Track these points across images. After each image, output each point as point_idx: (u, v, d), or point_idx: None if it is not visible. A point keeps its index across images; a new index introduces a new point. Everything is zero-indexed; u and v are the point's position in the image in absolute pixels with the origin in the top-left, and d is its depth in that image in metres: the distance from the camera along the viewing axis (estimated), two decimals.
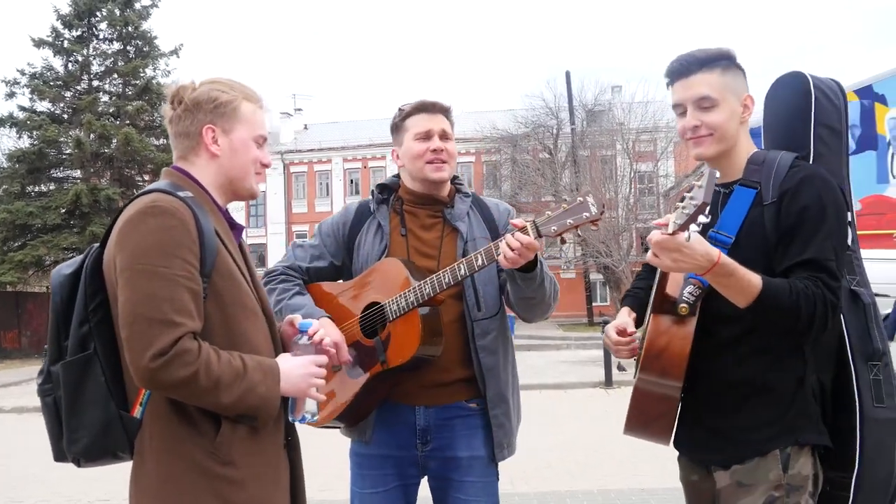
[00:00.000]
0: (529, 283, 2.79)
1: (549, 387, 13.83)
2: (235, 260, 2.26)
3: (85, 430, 2.12)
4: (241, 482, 2.14)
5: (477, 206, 3.09)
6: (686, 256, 2.13)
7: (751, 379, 2.36)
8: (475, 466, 2.91)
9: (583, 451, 8.06)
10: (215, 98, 2.29)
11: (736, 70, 2.47)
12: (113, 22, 31.35)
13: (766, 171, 2.39)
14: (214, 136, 2.28)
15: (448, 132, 3.05)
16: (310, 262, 3.10)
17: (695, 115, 2.44)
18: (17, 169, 29.75)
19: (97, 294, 2.14)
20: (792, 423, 2.34)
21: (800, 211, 2.30)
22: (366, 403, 2.91)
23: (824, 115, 2.53)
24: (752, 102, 2.48)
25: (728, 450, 2.40)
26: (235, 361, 2.11)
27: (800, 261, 2.27)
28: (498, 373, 2.94)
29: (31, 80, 30.33)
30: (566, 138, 42.57)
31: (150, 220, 2.09)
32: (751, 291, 2.20)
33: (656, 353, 2.37)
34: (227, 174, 2.32)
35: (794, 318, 2.20)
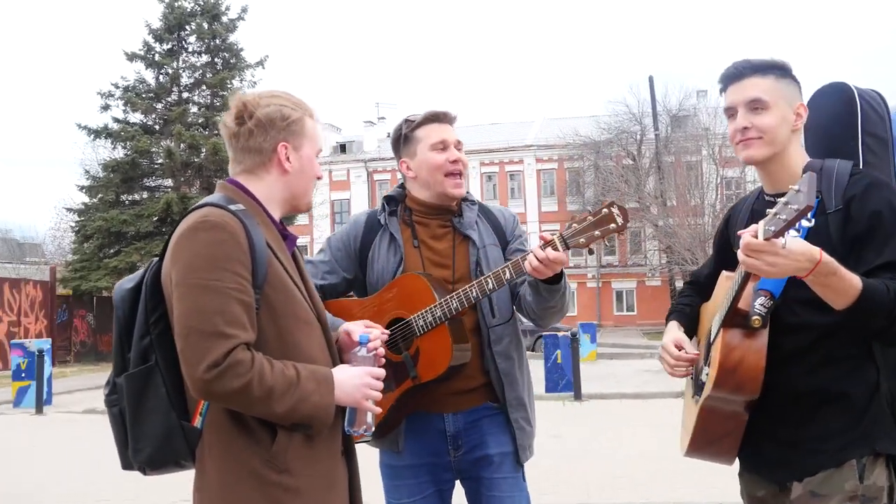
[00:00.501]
0: (554, 294, 2.83)
1: (628, 396, 13.67)
2: (288, 271, 2.27)
3: (148, 440, 2.17)
4: (297, 490, 2.16)
5: (483, 214, 3.12)
6: (784, 259, 2.04)
7: (822, 388, 2.29)
8: (505, 463, 2.96)
9: (657, 462, 7.91)
10: (287, 116, 2.32)
11: (790, 80, 2.44)
12: (201, 35, 32.29)
13: (825, 179, 2.32)
14: (287, 153, 2.32)
15: (461, 143, 3.08)
16: (321, 278, 3.08)
17: (746, 117, 2.40)
18: (112, 178, 30.87)
19: (157, 307, 2.19)
20: (867, 431, 2.26)
21: (871, 216, 2.24)
22: (396, 418, 2.94)
23: (870, 125, 2.49)
24: (805, 111, 2.43)
25: (801, 462, 2.31)
26: (289, 371, 2.13)
27: (880, 264, 2.19)
28: (515, 377, 2.98)
29: (124, 93, 31.46)
30: (650, 144, 42.03)
31: (201, 234, 2.12)
32: (852, 292, 2.11)
33: (731, 368, 2.29)
34: (292, 190, 2.36)
35: (890, 319, 2.12)
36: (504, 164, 51.70)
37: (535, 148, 50.97)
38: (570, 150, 46.85)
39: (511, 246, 3.07)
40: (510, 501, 2.96)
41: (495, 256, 3.00)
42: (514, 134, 52.37)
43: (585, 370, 17.57)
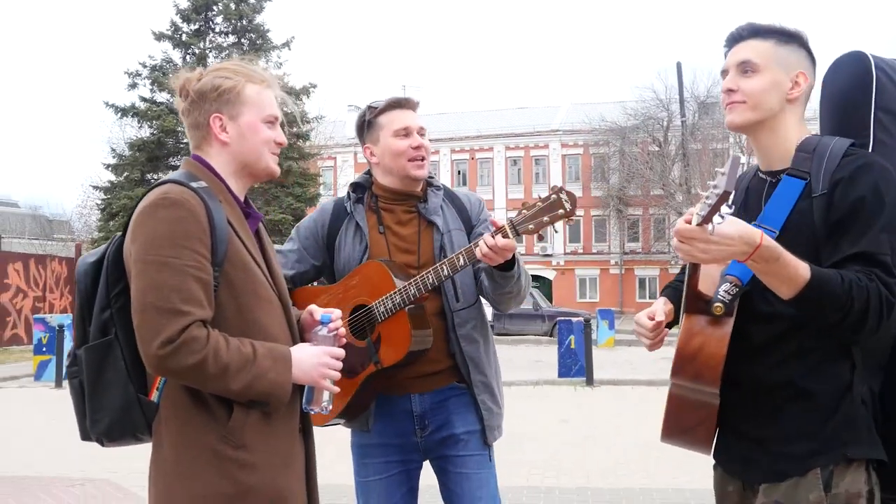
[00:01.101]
0: (508, 280, 2.87)
1: (641, 383, 13.62)
2: (249, 249, 2.29)
3: (105, 412, 2.21)
4: (253, 465, 2.18)
5: (449, 199, 3.15)
6: (719, 244, 1.95)
7: (787, 383, 2.16)
8: (472, 441, 3.01)
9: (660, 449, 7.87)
10: (218, 86, 2.31)
11: (795, 47, 2.27)
12: (228, 16, 32.40)
13: (816, 159, 2.18)
14: (222, 123, 2.32)
15: (424, 128, 3.10)
16: (291, 267, 3.14)
17: (733, 79, 2.27)
18: (138, 157, 31.14)
19: (119, 281, 2.22)
20: (834, 436, 2.11)
21: (854, 202, 2.09)
22: (364, 399, 2.99)
23: (886, 99, 2.29)
24: (807, 81, 2.26)
25: (765, 464, 2.20)
26: (245, 348, 2.15)
27: (851, 254, 2.06)
28: (480, 360, 3.02)
29: (151, 72, 31.67)
30: (676, 131, 41.75)
31: (160, 211, 2.15)
32: (798, 280, 1.99)
33: (690, 356, 2.20)
34: (239, 159, 2.35)
35: (844, 312, 1.99)
36: (529, 149, 51.49)
37: (560, 133, 50.72)
38: (596, 136, 46.59)
39: (476, 230, 3.10)
40: (477, 478, 3.01)
41: (460, 241, 3.03)
42: (540, 118, 52.10)
43: (602, 357, 17.60)
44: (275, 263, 2.45)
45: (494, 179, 51.36)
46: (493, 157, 51.50)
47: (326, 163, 47.19)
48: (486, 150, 51.33)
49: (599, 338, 21.87)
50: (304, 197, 31.79)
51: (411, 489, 3.12)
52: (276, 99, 2.41)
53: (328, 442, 3.46)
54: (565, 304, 41.30)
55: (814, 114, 2.50)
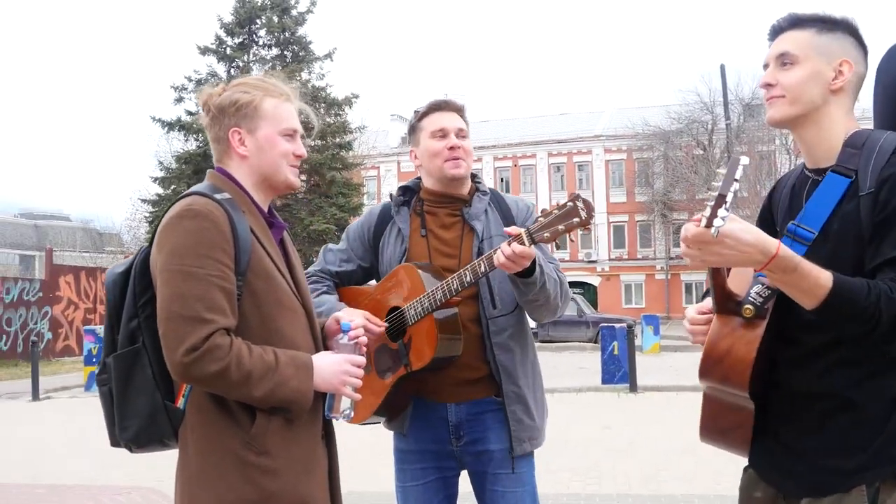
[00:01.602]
0: (530, 288, 2.83)
1: (686, 389, 13.43)
2: (273, 258, 2.34)
3: (134, 419, 2.27)
4: (275, 471, 2.22)
5: (495, 204, 3.13)
6: (730, 249, 1.84)
7: (833, 393, 2.04)
8: (507, 458, 2.98)
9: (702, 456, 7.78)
10: (236, 100, 2.37)
11: (839, 34, 2.14)
12: (271, 28, 32.84)
13: (865, 155, 2.04)
14: (241, 137, 2.37)
15: (464, 130, 3.09)
16: (338, 265, 3.21)
17: (771, 73, 2.16)
18: (185, 170, 31.60)
19: (146, 291, 2.28)
20: (883, 450, 1.99)
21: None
22: (398, 400, 3.01)
23: None
24: (852, 69, 2.12)
25: (806, 476, 2.09)
26: (268, 356, 2.19)
27: (889, 258, 1.94)
28: (514, 370, 2.98)
29: (197, 86, 32.13)
30: (721, 134, 41.19)
31: (185, 222, 2.20)
32: (818, 291, 1.89)
33: (717, 358, 2.09)
34: (258, 172, 2.39)
35: (871, 324, 1.89)
36: (572, 155, 51.33)
37: (604, 138, 50.51)
38: (640, 141, 46.36)
39: None
40: (511, 497, 2.99)
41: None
42: (583, 124, 51.95)
43: (647, 363, 17.44)
44: (299, 272, 2.48)
45: (538, 186, 51.26)
46: (536, 163, 51.40)
47: (370, 172, 47.54)
48: (529, 157, 51.25)
49: (644, 344, 21.70)
50: (347, 207, 32.01)
51: (449, 496, 3.12)
52: (295, 112, 2.45)
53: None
54: (611, 310, 41.03)
55: (861, 113, 2.34)
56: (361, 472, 7.80)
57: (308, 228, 30.07)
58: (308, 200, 30.77)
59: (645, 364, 16.55)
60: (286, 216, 28.99)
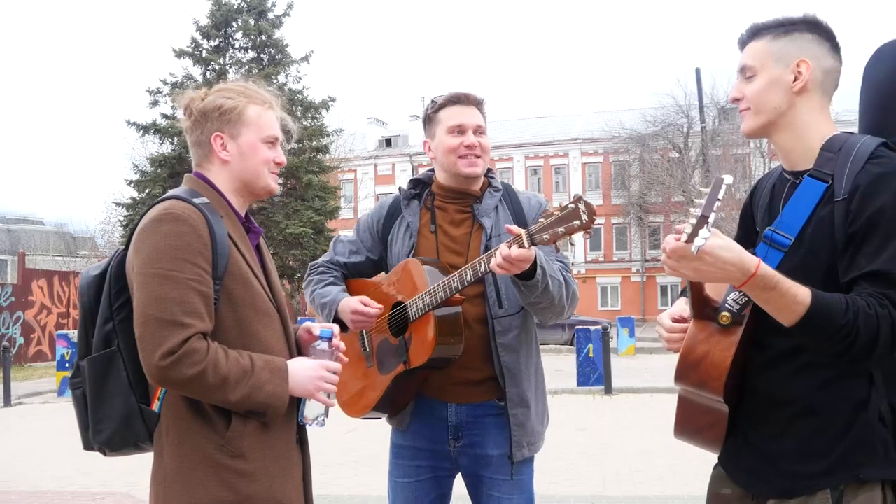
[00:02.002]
0: (531, 291, 2.76)
1: (660, 391, 13.55)
2: (249, 263, 2.35)
3: (108, 422, 2.27)
4: (252, 474, 2.23)
5: (507, 201, 3.06)
6: (710, 266, 1.87)
7: (798, 397, 2.06)
8: (505, 465, 2.94)
9: (676, 457, 7.89)
10: (220, 105, 2.38)
11: (796, 35, 2.14)
12: (248, 31, 32.70)
13: (841, 159, 2.03)
14: (223, 142, 2.39)
15: (482, 126, 3.03)
16: (348, 256, 3.20)
17: (737, 87, 2.20)
18: (160, 173, 31.38)
19: (121, 294, 2.28)
20: (846, 456, 2.00)
21: (873, 213, 1.94)
22: (398, 397, 2.99)
23: None
24: (810, 68, 2.10)
25: (773, 479, 2.12)
26: (244, 360, 2.21)
27: (865, 272, 1.93)
28: (518, 371, 2.93)
29: (172, 89, 31.92)
30: (697, 137, 41.47)
31: (163, 226, 2.21)
32: (796, 308, 1.89)
33: (693, 363, 2.11)
34: (239, 177, 2.41)
35: (848, 342, 1.89)
36: (549, 158, 51.51)
37: (580, 141, 50.71)
38: (616, 144, 46.54)
39: None
40: (508, 503, 2.96)
41: None
42: (560, 127, 52.15)
43: (622, 365, 17.54)
44: (274, 277, 2.50)
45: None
46: (513, 166, 51.51)
47: (346, 175, 47.43)
48: (506, 160, 51.33)
49: (620, 346, 21.83)
50: (324, 210, 31.93)
51: (441, 496, 3.09)
52: (277, 120, 2.47)
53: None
54: (587, 312, 41.11)
55: (836, 116, 2.34)
56: (334, 476, 7.83)
57: (284, 232, 29.97)
58: (284, 203, 30.65)
59: (620, 366, 16.66)
60: (262, 219, 28.88)
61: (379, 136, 55.69)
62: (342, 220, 41.35)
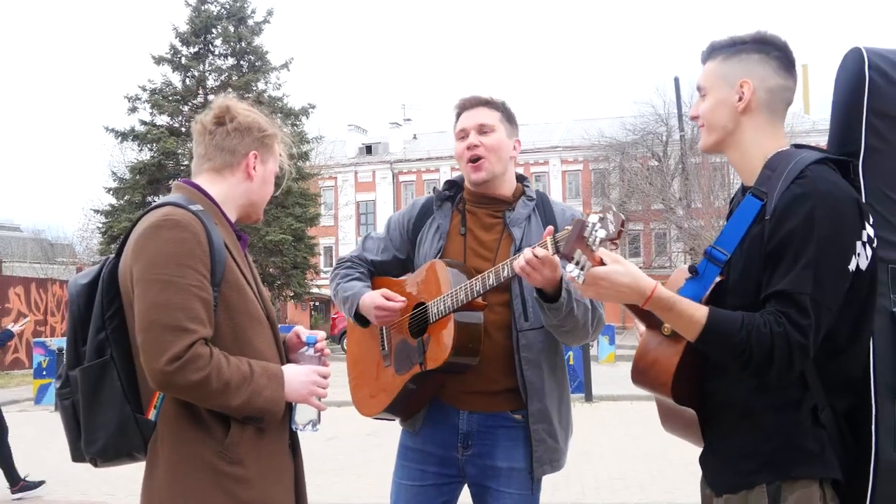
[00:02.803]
0: (555, 313, 2.71)
1: (641, 398, 13.57)
2: (242, 271, 2.38)
3: (102, 432, 2.26)
4: (249, 480, 2.25)
5: (540, 211, 3.00)
6: (607, 290, 2.05)
7: (738, 400, 2.17)
8: (514, 478, 2.90)
9: (656, 464, 7.97)
10: (264, 129, 2.48)
11: (743, 56, 2.21)
12: (227, 38, 32.63)
13: (775, 178, 2.09)
14: (256, 162, 2.47)
15: (486, 124, 2.97)
16: (376, 253, 3.19)
17: (695, 106, 2.33)
18: (139, 180, 31.26)
19: (113, 302, 2.28)
20: (777, 456, 2.09)
21: (785, 235, 2.03)
22: (412, 399, 2.96)
23: (880, 101, 2.15)
24: (751, 90, 2.18)
25: (723, 476, 2.24)
26: (243, 366, 2.23)
27: (773, 291, 2.03)
28: (542, 387, 2.87)
29: (151, 96, 31.87)
30: (676, 145, 41.74)
31: (163, 232, 2.22)
32: (693, 327, 2.04)
33: (644, 368, 2.26)
34: (251, 197, 2.50)
35: (744, 357, 2.00)
36: (529, 166, 51.60)
37: (560, 149, 50.91)
38: (596, 152, 46.73)
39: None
40: None
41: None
42: (540, 135, 52.28)
43: (602, 372, 17.56)
44: (261, 284, 2.53)
45: None
46: None
47: (327, 183, 47.40)
48: None
49: (600, 354, 21.86)
50: (304, 217, 31.90)
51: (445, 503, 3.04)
52: None
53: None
54: None
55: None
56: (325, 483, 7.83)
57: (264, 239, 29.89)
58: (264, 210, 30.57)
59: (600, 374, 16.71)
60: (242, 226, 28.64)
61: (359, 143, 55.64)
62: (322, 228, 41.36)
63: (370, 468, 8.28)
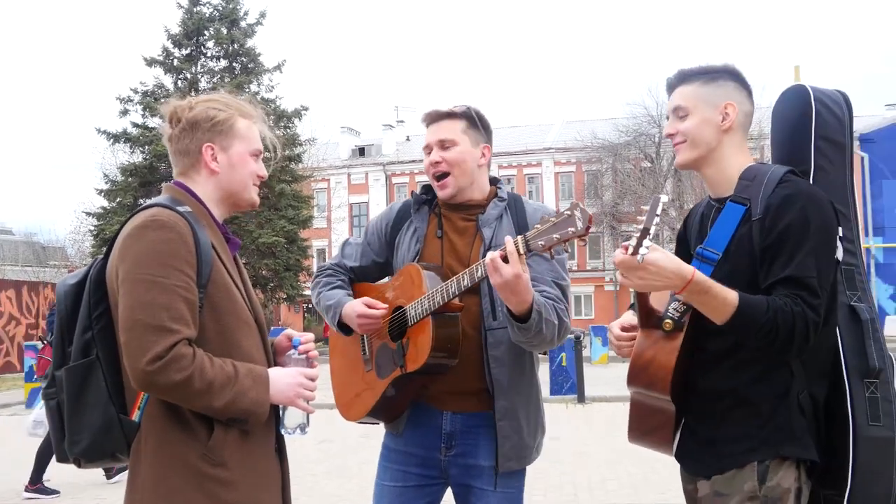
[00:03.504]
0: (524, 332, 2.74)
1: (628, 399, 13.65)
2: (230, 272, 2.37)
3: (85, 432, 2.24)
4: (232, 483, 2.24)
5: (512, 210, 3.04)
6: (653, 275, 2.20)
7: (734, 391, 2.38)
8: (496, 476, 2.91)
9: (648, 465, 7.95)
10: (213, 117, 2.39)
11: (721, 82, 2.51)
12: (220, 40, 32.64)
13: (756, 185, 2.40)
14: (213, 153, 2.40)
15: (446, 139, 2.99)
16: (355, 259, 3.20)
17: (672, 124, 2.55)
18: (131, 182, 31.24)
19: (100, 303, 2.27)
20: (770, 437, 2.34)
21: (783, 229, 2.31)
22: (394, 402, 2.98)
23: (825, 128, 2.54)
24: (735, 110, 2.49)
25: (711, 461, 2.41)
26: (227, 367, 2.22)
27: (780, 278, 2.28)
28: (507, 384, 2.90)
29: (143, 98, 31.83)
30: (668, 146, 41.84)
31: (149, 233, 2.21)
32: (726, 309, 2.23)
33: (642, 367, 2.41)
34: (226, 188, 2.43)
35: (771, 336, 2.22)
36: (522, 167, 51.73)
37: (553, 150, 51.01)
38: (589, 153, 46.84)
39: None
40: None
41: None
42: (533, 137, 52.40)
43: (595, 373, 17.55)
44: (250, 287, 2.52)
45: None
46: None
47: (319, 185, 47.35)
48: None
49: (593, 355, 21.87)
50: (297, 219, 31.88)
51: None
52: (260, 133, 2.50)
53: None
54: None
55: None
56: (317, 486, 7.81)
57: (257, 241, 29.87)
58: (257, 213, 30.53)
59: (593, 375, 16.68)
60: (235, 229, 28.74)
61: (352, 145, 55.68)
62: (315, 230, 41.31)
63: (362, 470, 8.26)
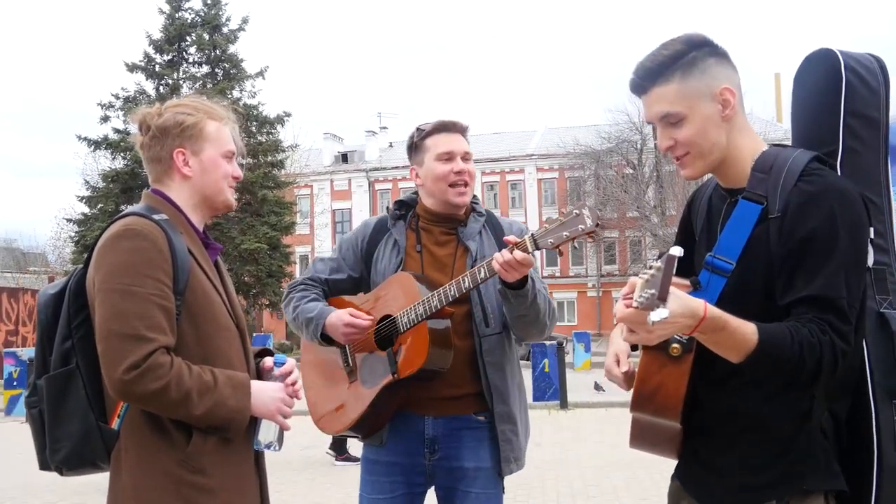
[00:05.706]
0: (521, 301, 2.80)
1: (616, 405, 13.63)
2: (210, 278, 2.37)
3: (66, 441, 2.25)
4: (211, 490, 2.24)
5: (490, 225, 3.13)
6: (664, 327, 1.79)
7: (744, 412, 2.07)
8: (479, 478, 2.96)
9: (630, 471, 8.00)
10: (181, 122, 2.39)
11: (701, 65, 2.07)
12: (202, 46, 32.54)
13: (773, 177, 2.02)
14: (185, 158, 2.40)
15: (469, 154, 3.09)
16: (329, 274, 3.22)
17: (665, 134, 2.10)
18: (112, 188, 31.06)
19: (80, 312, 2.28)
20: (792, 469, 2.02)
21: (806, 235, 1.94)
22: (380, 414, 2.99)
23: (857, 102, 2.13)
24: (733, 94, 2.07)
25: (719, 491, 2.14)
26: (206, 376, 2.22)
27: (804, 296, 1.92)
28: (505, 389, 2.97)
29: (124, 104, 31.64)
30: (650, 153, 42.10)
31: (123, 242, 2.22)
32: (745, 346, 1.87)
33: (648, 395, 2.09)
34: (200, 192, 2.43)
35: (795, 372, 1.88)
36: (505, 174, 51.80)
37: (536, 157, 51.11)
38: (571, 160, 46.91)
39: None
40: None
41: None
42: (516, 143, 52.46)
43: (578, 379, 17.60)
44: (232, 292, 2.52)
45: None
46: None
47: (302, 191, 47.30)
48: None
49: (576, 361, 21.94)
50: (279, 225, 31.77)
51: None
52: (231, 134, 2.50)
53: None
54: None
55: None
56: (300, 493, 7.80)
57: (239, 247, 29.75)
58: (239, 219, 30.45)
59: (575, 381, 16.74)
60: (217, 235, 28.64)
61: (335, 151, 55.55)
62: (298, 236, 41.17)
63: (341, 478, 8.26)
